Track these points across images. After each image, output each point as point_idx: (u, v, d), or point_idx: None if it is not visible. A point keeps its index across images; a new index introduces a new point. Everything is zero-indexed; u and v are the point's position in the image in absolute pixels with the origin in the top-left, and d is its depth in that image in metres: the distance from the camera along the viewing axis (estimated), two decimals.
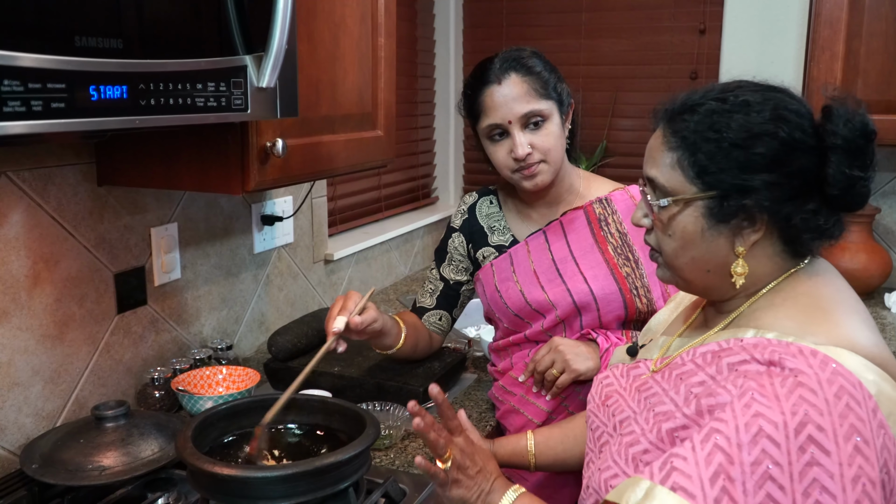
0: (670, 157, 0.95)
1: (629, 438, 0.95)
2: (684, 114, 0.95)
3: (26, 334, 1.38)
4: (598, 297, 1.49)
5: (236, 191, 1.35)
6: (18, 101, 0.84)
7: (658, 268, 1.04)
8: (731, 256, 0.95)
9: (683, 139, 0.94)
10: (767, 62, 2.62)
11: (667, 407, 0.94)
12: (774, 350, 0.87)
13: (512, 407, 1.54)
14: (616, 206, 1.56)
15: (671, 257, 0.99)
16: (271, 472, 1.04)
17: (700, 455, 0.82)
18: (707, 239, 0.94)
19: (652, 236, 1.01)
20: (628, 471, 0.92)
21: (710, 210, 0.93)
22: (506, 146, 1.49)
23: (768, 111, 0.91)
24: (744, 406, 0.82)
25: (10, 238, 1.34)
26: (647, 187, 1.00)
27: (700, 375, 0.92)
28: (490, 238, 1.63)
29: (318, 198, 2.25)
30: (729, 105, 0.92)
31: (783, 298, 0.95)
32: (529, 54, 1.50)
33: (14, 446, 1.37)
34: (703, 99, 0.95)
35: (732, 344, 0.93)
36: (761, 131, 0.90)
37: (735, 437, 0.81)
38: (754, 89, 0.94)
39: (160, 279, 1.66)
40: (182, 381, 1.58)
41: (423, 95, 3.09)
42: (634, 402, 1.01)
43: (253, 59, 1.14)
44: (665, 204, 0.96)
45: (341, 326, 1.36)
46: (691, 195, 0.94)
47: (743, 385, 0.84)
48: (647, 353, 1.11)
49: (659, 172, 0.96)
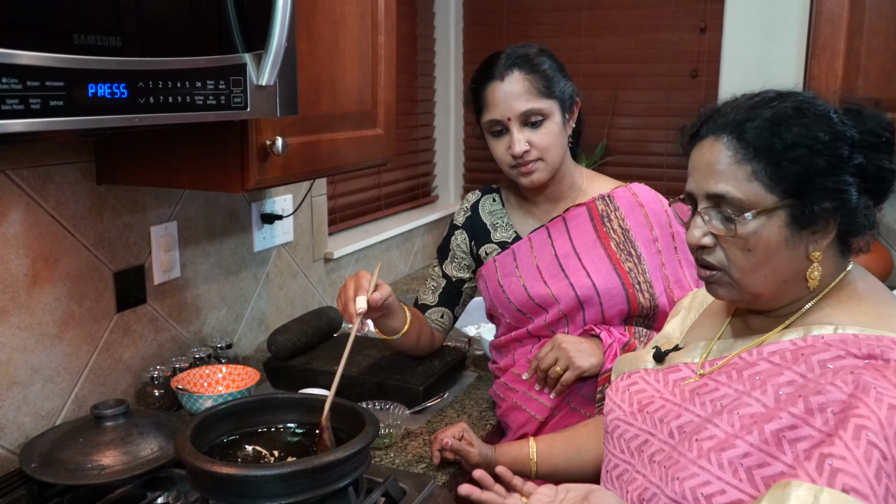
0: (745, 169, 0.94)
1: (712, 443, 0.93)
2: (747, 122, 0.95)
3: (25, 333, 1.38)
4: (600, 292, 1.49)
5: (236, 189, 1.35)
6: (17, 99, 0.84)
7: (717, 287, 1.00)
8: (805, 263, 0.96)
9: (756, 149, 0.93)
10: (768, 60, 2.62)
11: (755, 408, 0.92)
12: (869, 343, 0.88)
13: (514, 404, 1.54)
14: (618, 202, 1.57)
15: (746, 272, 0.96)
16: (270, 471, 1.04)
17: (858, 453, 0.81)
18: (789, 248, 0.94)
19: (716, 254, 0.98)
20: (725, 476, 0.90)
21: (793, 218, 0.93)
22: (505, 142, 1.50)
23: (823, 115, 0.93)
24: (875, 400, 0.82)
25: (9, 237, 1.34)
26: (708, 203, 0.97)
27: (787, 374, 0.92)
28: (493, 235, 1.63)
29: (318, 196, 2.25)
30: (791, 112, 0.94)
31: (847, 296, 0.97)
32: (537, 52, 1.51)
33: (13, 445, 1.37)
34: (765, 108, 0.95)
35: (812, 341, 0.93)
36: (834, 135, 0.92)
37: (882, 432, 0.81)
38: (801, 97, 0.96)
39: (160, 278, 1.66)
40: (182, 380, 1.58)
41: (424, 94, 3.08)
42: (696, 406, 0.99)
43: (252, 58, 1.14)
44: (749, 217, 0.94)
45: (364, 306, 1.35)
46: (773, 205, 0.93)
47: (857, 380, 0.85)
48: (683, 357, 1.09)
49: (732, 186, 0.94)
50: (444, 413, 1.63)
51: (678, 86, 2.81)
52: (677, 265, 1.56)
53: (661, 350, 1.13)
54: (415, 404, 1.59)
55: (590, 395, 1.47)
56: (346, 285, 1.41)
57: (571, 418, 1.48)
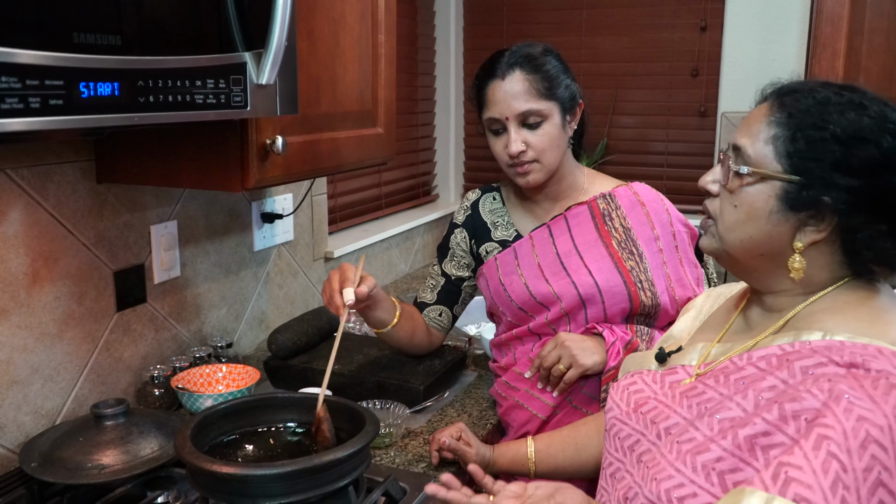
0: (768, 130, 0.94)
1: (690, 446, 0.92)
2: (797, 93, 0.94)
3: (25, 332, 1.38)
4: (602, 290, 1.49)
5: (236, 188, 1.35)
6: (16, 98, 0.84)
7: (705, 236, 1.02)
8: (787, 248, 0.94)
9: (790, 116, 0.93)
10: (769, 59, 2.62)
11: (734, 413, 0.91)
12: (853, 352, 0.86)
13: (515, 402, 1.53)
14: (620, 201, 1.57)
15: (727, 228, 0.98)
16: (270, 470, 1.04)
17: (815, 463, 0.79)
18: (771, 221, 0.94)
19: (714, 203, 1.00)
20: (698, 480, 0.89)
21: (785, 193, 0.92)
22: (503, 141, 1.50)
23: (879, 119, 0.90)
24: (844, 411, 0.80)
25: (9, 236, 1.34)
26: (731, 153, 0.98)
27: (770, 380, 0.90)
28: (493, 233, 1.63)
29: (318, 195, 2.25)
30: (846, 100, 0.92)
31: (844, 302, 0.94)
32: (541, 52, 1.51)
33: (13, 444, 1.37)
34: (820, 87, 0.94)
35: (799, 347, 0.91)
36: (867, 136, 0.89)
37: (844, 444, 0.79)
38: (873, 96, 0.94)
39: (160, 277, 1.66)
40: (182, 379, 1.58)
41: (424, 93, 3.08)
42: (683, 408, 0.98)
43: (252, 56, 1.14)
44: (745, 171, 0.94)
45: (352, 297, 1.35)
46: (773, 172, 0.93)
47: (832, 389, 0.82)
48: (682, 359, 1.08)
49: (750, 142, 0.95)
50: (444, 412, 1.63)
51: (678, 85, 2.81)
52: (678, 264, 1.56)
53: (665, 351, 1.13)
54: (415, 403, 1.59)
55: (592, 393, 1.47)
56: (330, 278, 1.41)
57: (573, 417, 1.47)
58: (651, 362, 1.14)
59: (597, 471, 1.21)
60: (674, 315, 1.51)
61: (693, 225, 1.58)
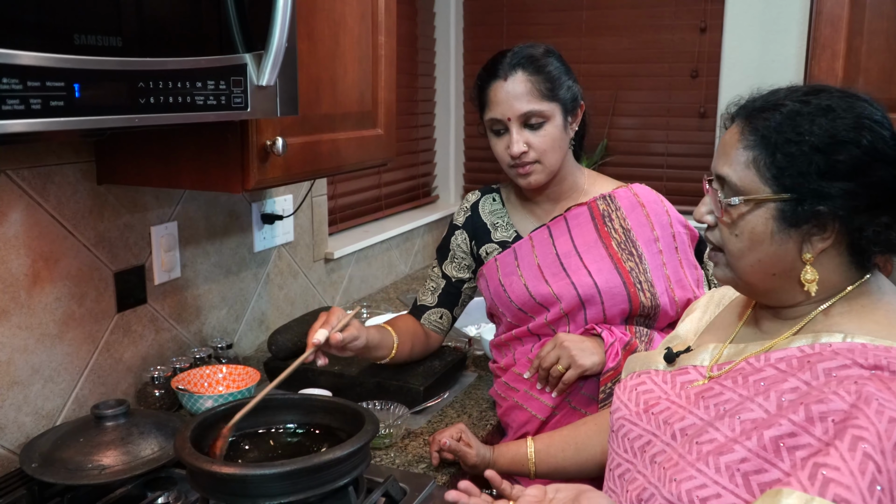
0: (746, 155, 0.94)
1: (711, 447, 0.92)
2: (765, 112, 0.94)
3: (26, 333, 1.38)
4: (602, 291, 1.49)
5: (236, 189, 1.35)
6: (17, 99, 0.84)
7: (716, 266, 1.02)
8: (797, 262, 0.94)
9: (763, 138, 0.92)
10: (769, 60, 2.62)
11: (756, 414, 0.91)
12: (877, 354, 0.86)
13: (515, 403, 1.54)
14: (619, 202, 1.57)
15: (735, 257, 0.97)
16: (270, 470, 1.04)
17: (853, 465, 0.79)
18: (776, 242, 0.93)
19: (715, 233, 1.00)
20: (721, 480, 0.89)
21: (782, 213, 0.92)
22: (504, 141, 1.50)
23: (852, 118, 0.90)
24: (876, 413, 0.81)
25: (9, 237, 1.34)
26: (716, 184, 0.98)
27: (792, 381, 0.91)
28: (493, 234, 1.63)
29: (318, 196, 2.25)
30: (813, 108, 0.91)
31: (861, 305, 0.94)
32: (543, 52, 1.51)
33: (14, 445, 1.37)
34: (785, 99, 0.94)
35: (820, 349, 0.91)
36: (845, 138, 0.89)
37: (879, 445, 0.79)
38: (839, 95, 0.93)
39: (160, 278, 1.66)
40: (182, 380, 1.58)
41: (424, 94, 3.08)
42: (700, 409, 0.98)
43: (253, 58, 1.14)
44: (736, 202, 0.94)
45: (321, 339, 1.34)
46: (764, 196, 0.92)
47: (859, 391, 0.83)
48: (692, 360, 1.08)
49: (732, 170, 0.95)
50: (444, 413, 1.63)
51: (678, 86, 2.81)
52: (678, 265, 1.56)
53: (673, 351, 1.13)
54: (415, 404, 1.59)
55: (591, 394, 1.47)
56: (318, 318, 1.41)
57: (572, 417, 1.48)
58: (658, 362, 1.14)
59: (597, 471, 1.21)
60: (673, 316, 1.52)
61: (693, 226, 1.58)
